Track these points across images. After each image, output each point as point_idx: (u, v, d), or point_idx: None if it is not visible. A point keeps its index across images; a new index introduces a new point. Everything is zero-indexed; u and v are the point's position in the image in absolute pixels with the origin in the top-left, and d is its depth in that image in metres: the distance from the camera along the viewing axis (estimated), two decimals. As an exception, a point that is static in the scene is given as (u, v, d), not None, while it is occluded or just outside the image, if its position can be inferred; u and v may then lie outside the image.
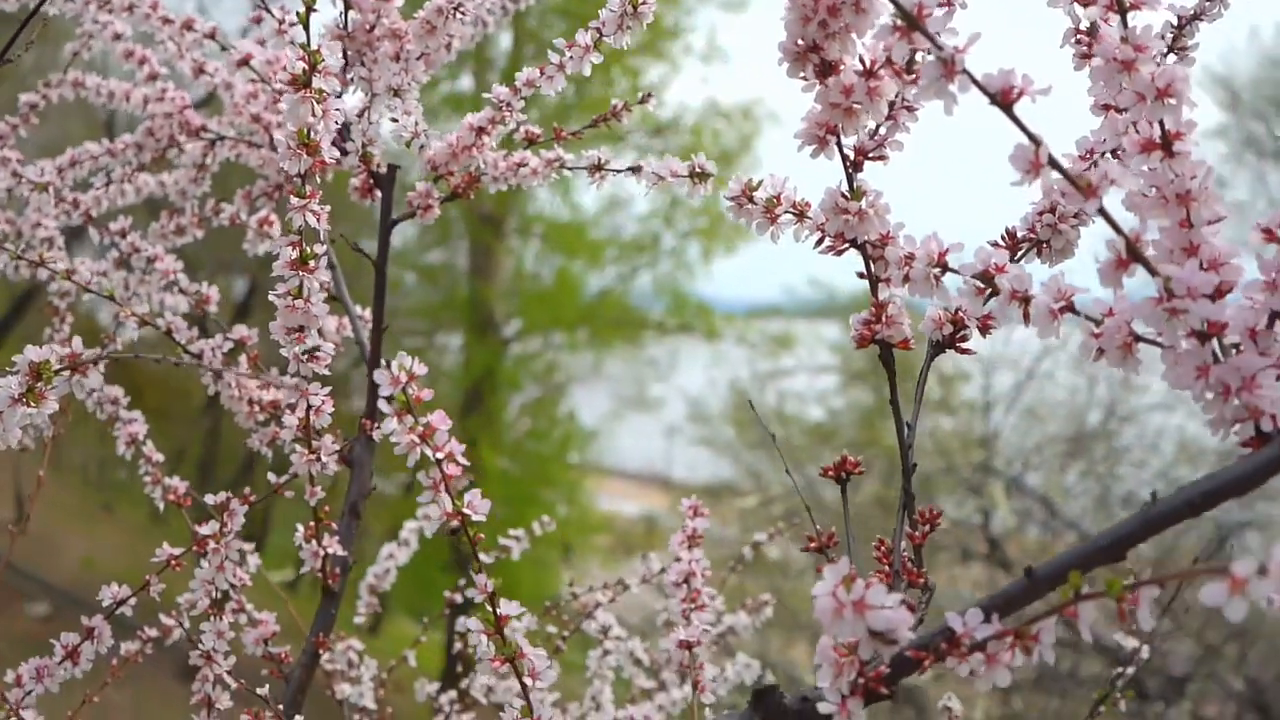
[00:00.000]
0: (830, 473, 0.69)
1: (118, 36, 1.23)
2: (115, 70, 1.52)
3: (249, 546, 1.05)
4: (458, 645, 1.34)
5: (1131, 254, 0.52)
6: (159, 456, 1.12)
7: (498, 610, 0.65)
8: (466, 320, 11.04)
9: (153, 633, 1.12)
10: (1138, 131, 0.55)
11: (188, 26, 1.11)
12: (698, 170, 0.84)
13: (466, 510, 0.64)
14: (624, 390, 12.20)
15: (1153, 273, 0.52)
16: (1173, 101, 0.53)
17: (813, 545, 0.62)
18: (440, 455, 0.63)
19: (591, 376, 12.06)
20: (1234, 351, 0.53)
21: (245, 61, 1.02)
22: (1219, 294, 0.54)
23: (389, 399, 0.61)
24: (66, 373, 0.65)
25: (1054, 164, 0.51)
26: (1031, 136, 0.51)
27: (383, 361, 0.61)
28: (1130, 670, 1.11)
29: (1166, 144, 0.54)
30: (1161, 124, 0.54)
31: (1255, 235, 0.53)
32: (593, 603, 1.31)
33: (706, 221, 11.90)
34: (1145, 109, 0.53)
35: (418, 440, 0.62)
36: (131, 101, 1.25)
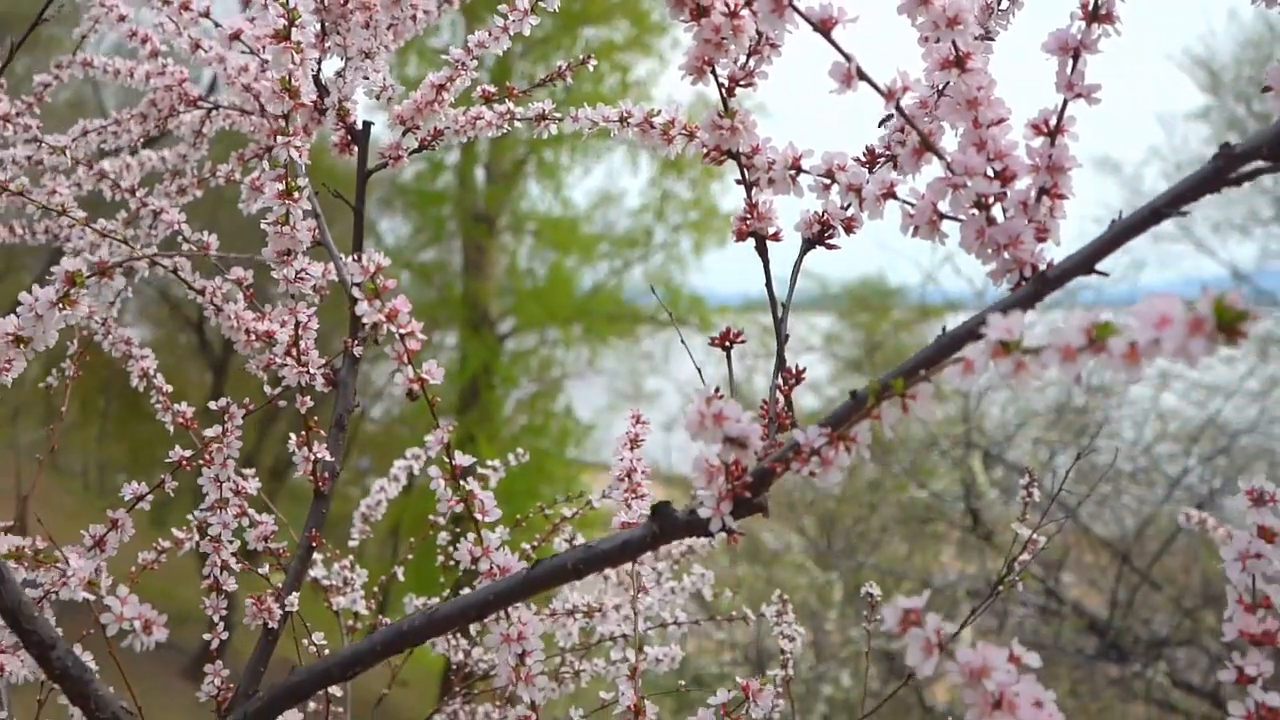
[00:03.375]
0: (716, 342, 0.84)
1: (122, 18, 1.37)
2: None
3: (250, 471, 1.21)
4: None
5: (924, 145, 0.67)
6: (168, 387, 1.26)
7: (453, 460, 0.81)
8: (461, 318, 11.19)
9: (166, 544, 1.26)
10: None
11: (185, 6, 1.26)
12: (624, 115, 0.99)
13: (425, 375, 0.79)
14: (619, 384, 12.35)
15: (941, 159, 0.67)
16: (960, 28, 0.68)
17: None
18: (403, 332, 0.78)
19: (587, 371, 12.21)
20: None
21: (237, 36, 1.17)
22: (1004, 179, 0.69)
23: (359, 285, 0.76)
24: (96, 278, 0.80)
25: (862, 75, 0.66)
26: (845, 55, 0.67)
27: (353, 256, 0.75)
28: (1027, 558, 1.26)
29: (959, 62, 0.69)
30: (955, 45, 0.69)
31: (1026, 130, 0.68)
32: (559, 517, 1.47)
33: (698, 215, 12.06)
34: (940, 34, 0.68)
35: (384, 319, 0.77)
36: (135, 77, 1.40)
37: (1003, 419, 7.08)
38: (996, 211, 0.68)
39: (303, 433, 1.11)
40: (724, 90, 0.76)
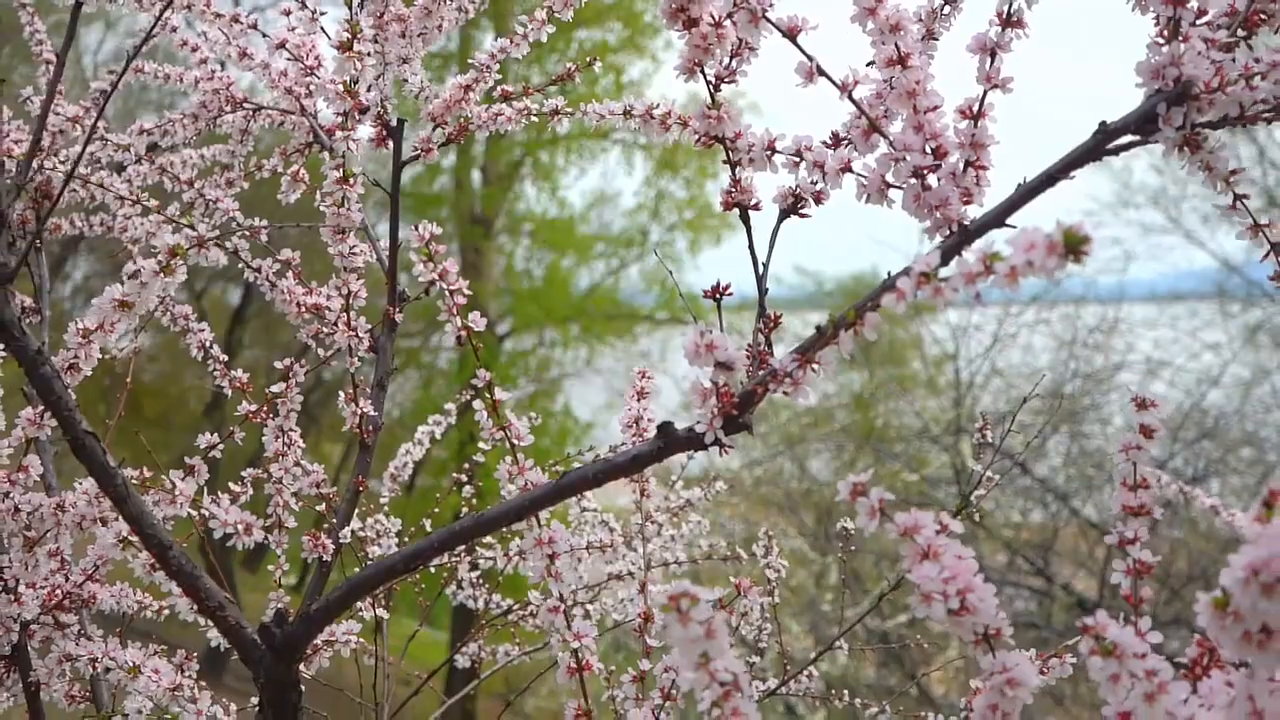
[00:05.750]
0: (709, 294, 1.01)
1: (174, 29, 1.54)
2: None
3: (298, 430, 1.37)
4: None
5: (872, 127, 0.84)
6: (224, 356, 1.43)
7: (494, 395, 0.97)
8: (460, 319, 11.34)
9: (237, 488, 1.42)
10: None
11: (235, 20, 1.42)
12: (627, 109, 1.16)
13: (470, 324, 0.95)
14: (617, 383, 12.51)
15: (885, 138, 0.84)
16: (901, 33, 0.85)
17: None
18: (453, 288, 0.94)
19: (585, 371, 12.37)
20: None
21: (282, 44, 1.34)
22: (938, 154, 0.85)
23: (416, 250, 0.93)
24: (195, 250, 0.96)
25: (821, 72, 0.83)
26: (808, 56, 0.83)
27: (412, 226, 0.92)
28: (983, 492, 1.42)
29: (901, 60, 0.86)
30: (898, 47, 0.86)
31: (955, 114, 0.85)
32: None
33: (693, 214, 12.23)
34: (885, 38, 0.85)
35: (437, 278, 0.94)
36: (185, 82, 1.56)
37: (994, 406, 7.26)
38: (932, 180, 0.85)
39: (350, 391, 1.28)
40: (712, 86, 0.93)
